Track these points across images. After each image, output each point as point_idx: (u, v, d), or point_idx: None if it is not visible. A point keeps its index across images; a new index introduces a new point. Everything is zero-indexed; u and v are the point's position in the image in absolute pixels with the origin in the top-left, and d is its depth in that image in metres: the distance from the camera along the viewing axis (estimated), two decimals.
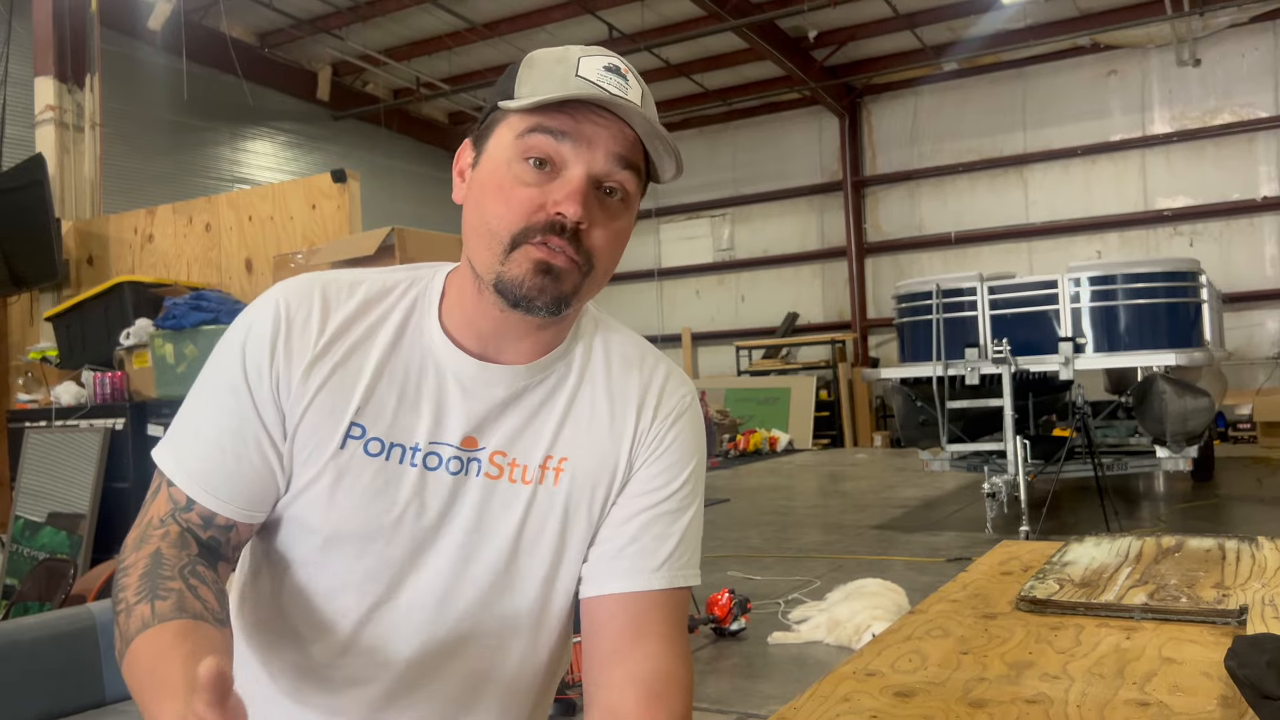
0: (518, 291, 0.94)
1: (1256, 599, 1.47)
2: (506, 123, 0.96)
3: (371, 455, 0.99)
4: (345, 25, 13.13)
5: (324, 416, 0.98)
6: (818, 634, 4.44)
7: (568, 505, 1.03)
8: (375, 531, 0.99)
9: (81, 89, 6.51)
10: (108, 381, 5.08)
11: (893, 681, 1.26)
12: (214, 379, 1.00)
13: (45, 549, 4.92)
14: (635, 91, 0.96)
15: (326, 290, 1.02)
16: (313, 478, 0.98)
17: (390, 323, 1.02)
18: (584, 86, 0.93)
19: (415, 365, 1.01)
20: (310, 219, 5.12)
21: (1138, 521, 7.29)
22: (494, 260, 0.94)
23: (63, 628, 2.67)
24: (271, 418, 0.98)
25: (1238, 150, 13.45)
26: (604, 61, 0.96)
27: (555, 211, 0.92)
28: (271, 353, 0.98)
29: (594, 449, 1.05)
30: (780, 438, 14.14)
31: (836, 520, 8.01)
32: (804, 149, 16.49)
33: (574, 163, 0.94)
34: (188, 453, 0.98)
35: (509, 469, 1.01)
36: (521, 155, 0.94)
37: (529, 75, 0.96)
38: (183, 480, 0.97)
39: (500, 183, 0.94)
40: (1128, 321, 7.25)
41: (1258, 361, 13.14)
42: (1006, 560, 1.89)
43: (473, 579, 1.01)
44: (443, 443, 1.00)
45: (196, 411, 1.00)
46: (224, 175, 13.33)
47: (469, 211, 0.98)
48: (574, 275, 0.95)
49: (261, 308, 1.00)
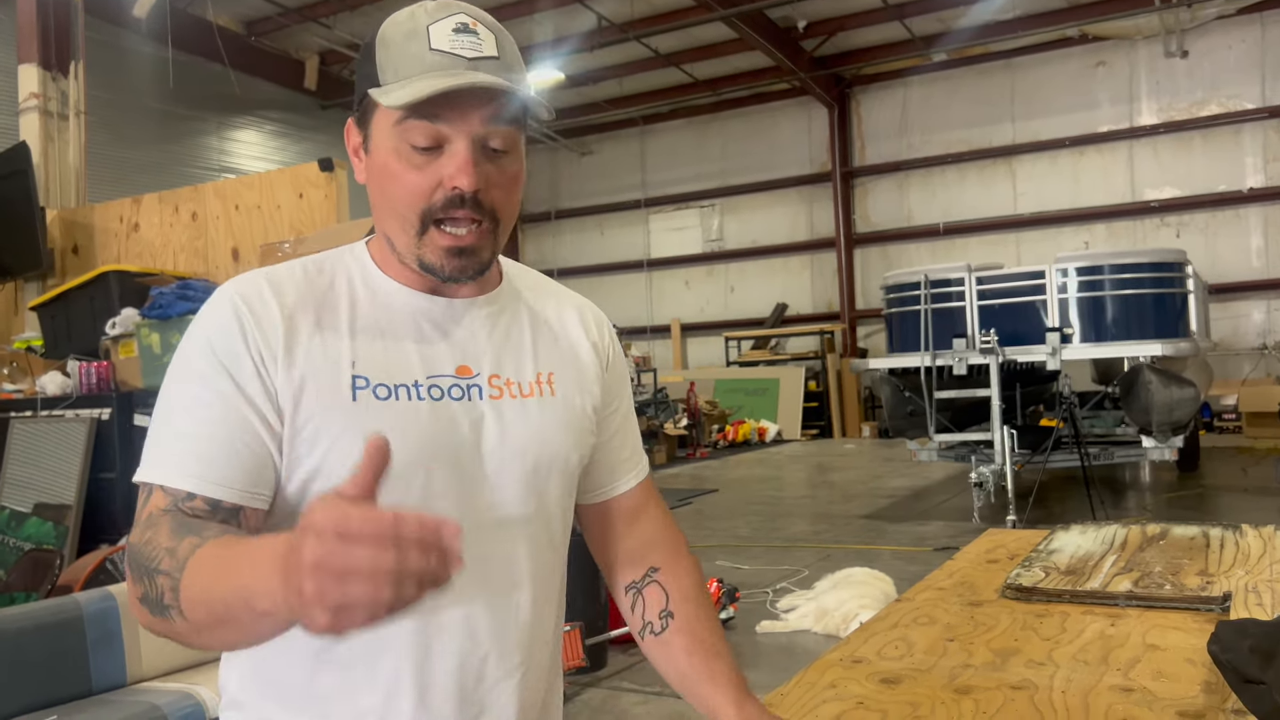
0: (440, 274, 1.02)
1: (1240, 586, 1.48)
2: (380, 110, 1.00)
3: (381, 399, 1.02)
4: (332, 14, 13.05)
5: (326, 379, 1.01)
6: (806, 623, 4.46)
7: (567, 410, 1.14)
8: (414, 467, 1.01)
9: (66, 77, 6.45)
10: (93, 371, 5.05)
11: (879, 669, 1.26)
12: (182, 384, 1.00)
13: (31, 539, 4.90)
14: (489, 43, 1.00)
15: (268, 275, 1.06)
16: (335, 437, 0.99)
17: (341, 279, 1.07)
18: (439, 64, 0.97)
19: (383, 312, 1.06)
20: (297, 208, 5.10)
21: (1124, 511, 7.34)
22: (410, 242, 1.01)
23: (49, 618, 2.65)
24: (259, 397, 0.99)
25: (1224, 142, 13.51)
26: (452, 23, 0.99)
27: (451, 186, 0.98)
28: (243, 336, 0.99)
29: (570, 362, 1.16)
30: (769, 428, 14.17)
31: (825, 510, 8.03)
32: (793, 140, 16.49)
33: (454, 136, 0.98)
34: (173, 456, 0.97)
35: (507, 388, 1.09)
36: (404, 139, 0.98)
37: (387, 57, 0.99)
38: (176, 478, 0.96)
39: (393, 170, 1.00)
40: (1114, 312, 7.29)
41: (1243, 352, 13.23)
42: (993, 549, 1.90)
43: (509, 488, 1.08)
44: (439, 374, 1.05)
45: (169, 420, 0.99)
46: (211, 164, 13.25)
47: (374, 195, 1.04)
48: (486, 241, 1.02)
49: (214, 307, 1.03)
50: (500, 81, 0.97)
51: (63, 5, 6.46)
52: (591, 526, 1.26)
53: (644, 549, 1.25)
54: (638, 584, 1.23)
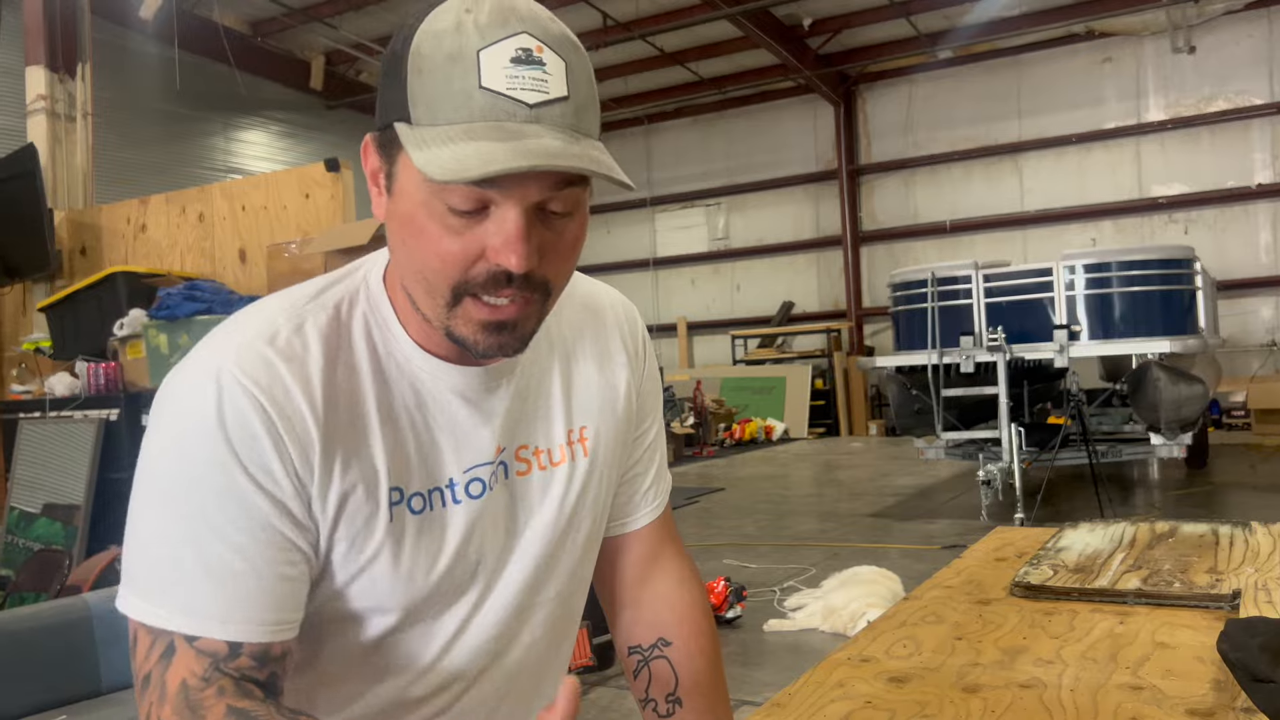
0: (474, 350, 0.84)
1: (1249, 583, 1.47)
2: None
3: (416, 513, 0.90)
4: (338, 14, 13.06)
5: (364, 496, 0.87)
6: (813, 621, 4.46)
7: (598, 467, 1.04)
8: (448, 586, 0.93)
9: (73, 79, 6.47)
10: (102, 372, 5.07)
11: (887, 667, 1.26)
12: (198, 497, 0.80)
13: (40, 540, 4.92)
14: (558, 77, 0.77)
15: (285, 356, 0.84)
16: (366, 561, 0.88)
17: (360, 354, 0.88)
18: (491, 112, 0.75)
19: (410, 397, 0.90)
20: (304, 208, 5.11)
21: (1132, 508, 7.32)
22: (438, 310, 0.83)
23: (58, 618, 2.66)
24: (303, 518, 0.84)
25: (1232, 138, 13.45)
26: (510, 49, 0.76)
27: (496, 263, 0.79)
28: (277, 450, 0.82)
29: (608, 405, 1.04)
30: (775, 427, 14.15)
31: (832, 509, 8.02)
32: (799, 138, 16.46)
33: (504, 200, 0.77)
34: (202, 595, 0.80)
35: (535, 459, 0.98)
36: (440, 198, 0.77)
37: (421, 86, 0.77)
38: (215, 628, 0.80)
39: (422, 228, 0.79)
40: (1122, 309, 7.27)
41: (1252, 349, 13.17)
42: (1001, 547, 1.89)
43: (531, 564, 1.00)
44: (477, 464, 0.93)
45: (186, 543, 0.80)
46: (217, 165, 13.28)
47: (396, 245, 0.84)
48: (532, 313, 0.84)
49: (229, 402, 0.81)
50: (573, 158, 0.75)
51: (69, 7, 6.48)
52: (599, 562, 1.13)
53: (655, 613, 1.14)
54: (644, 653, 1.13)
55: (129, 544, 0.84)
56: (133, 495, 0.84)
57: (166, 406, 0.84)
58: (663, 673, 1.11)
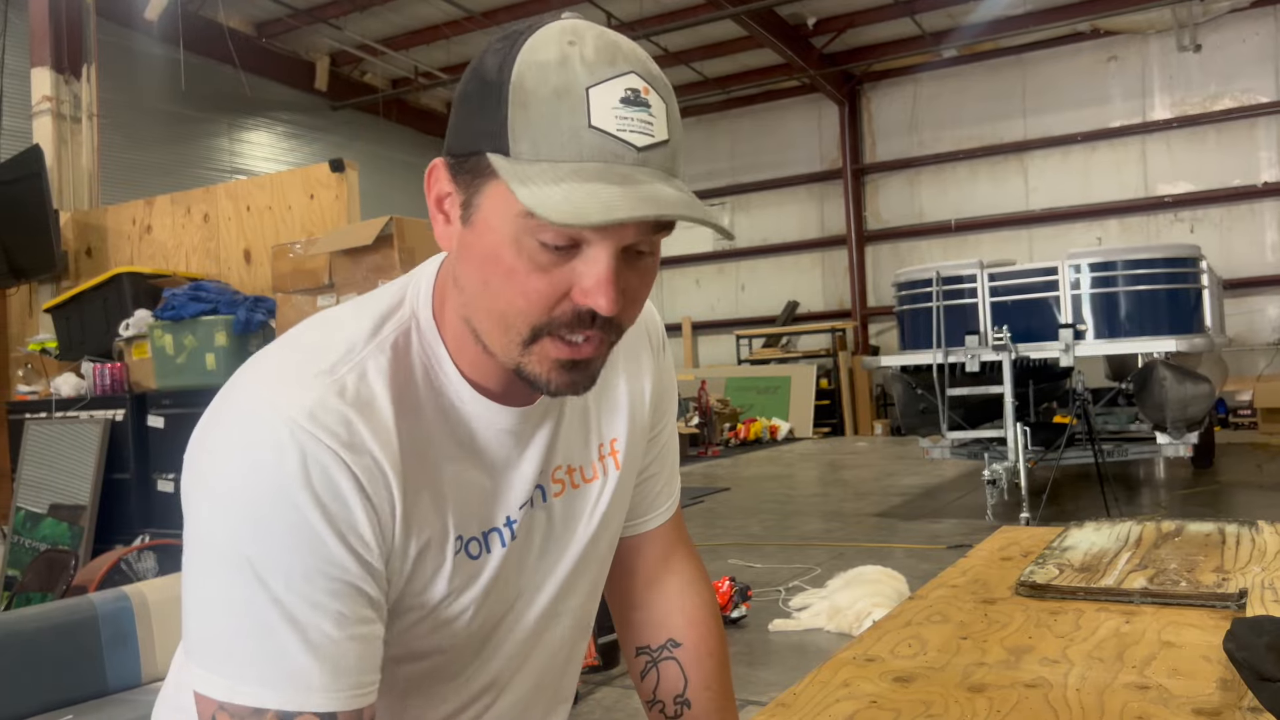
0: (544, 388, 0.82)
1: (1256, 583, 1.47)
2: (502, 184, 0.75)
3: (474, 558, 0.88)
4: (343, 15, 13.09)
5: (435, 549, 0.86)
6: (818, 621, 4.45)
7: (628, 478, 1.04)
8: (495, 620, 0.93)
9: (78, 80, 6.49)
10: (107, 373, 5.08)
11: (892, 667, 1.26)
12: (282, 563, 0.75)
13: (46, 540, 4.93)
14: (661, 120, 0.76)
15: (350, 400, 0.80)
16: (425, 612, 0.87)
17: (423, 398, 0.86)
18: (600, 153, 0.73)
19: (468, 440, 0.88)
20: (308, 209, 5.11)
21: (1138, 507, 7.30)
22: (511, 350, 0.80)
23: (64, 618, 2.66)
24: (381, 572, 0.81)
25: (1238, 136, 13.42)
26: (620, 89, 0.74)
27: (583, 304, 0.77)
28: (364, 508, 0.78)
29: (633, 413, 1.03)
30: (780, 426, 14.15)
31: (837, 508, 8.01)
32: (803, 137, 16.46)
33: (598, 241, 0.75)
34: (299, 666, 0.75)
35: (568, 479, 0.97)
36: (532, 234, 0.75)
37: (525, 120, 0.74)
38: (315, 700, 0.76)
39: (511, 265, 0.76)
40: (1128, 308, 7.25)
41: (1258, 348, 13.14)
42: (1006, 546, 1.89)
43: (562, 578, 0.99)
44: (524, 503, 0.92)
45: (273, 611, 0.75)
46: (222, 166, 13.31)
47: (469, 280, 0.81)
48: (603, 353, 0.83)
49: (310, 456, 0.76)
50: (686, 207, 0.74)
51: (75, 9, 6.50)
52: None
53: (665, 614, 1.14)
54: (653, 654, 1.13)
55: (196, 616, 0.78)
56: (191, 561, 0.78)
57: (225, 464, 0.76)
58: (671, 674, 1.11)
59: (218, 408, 0.81)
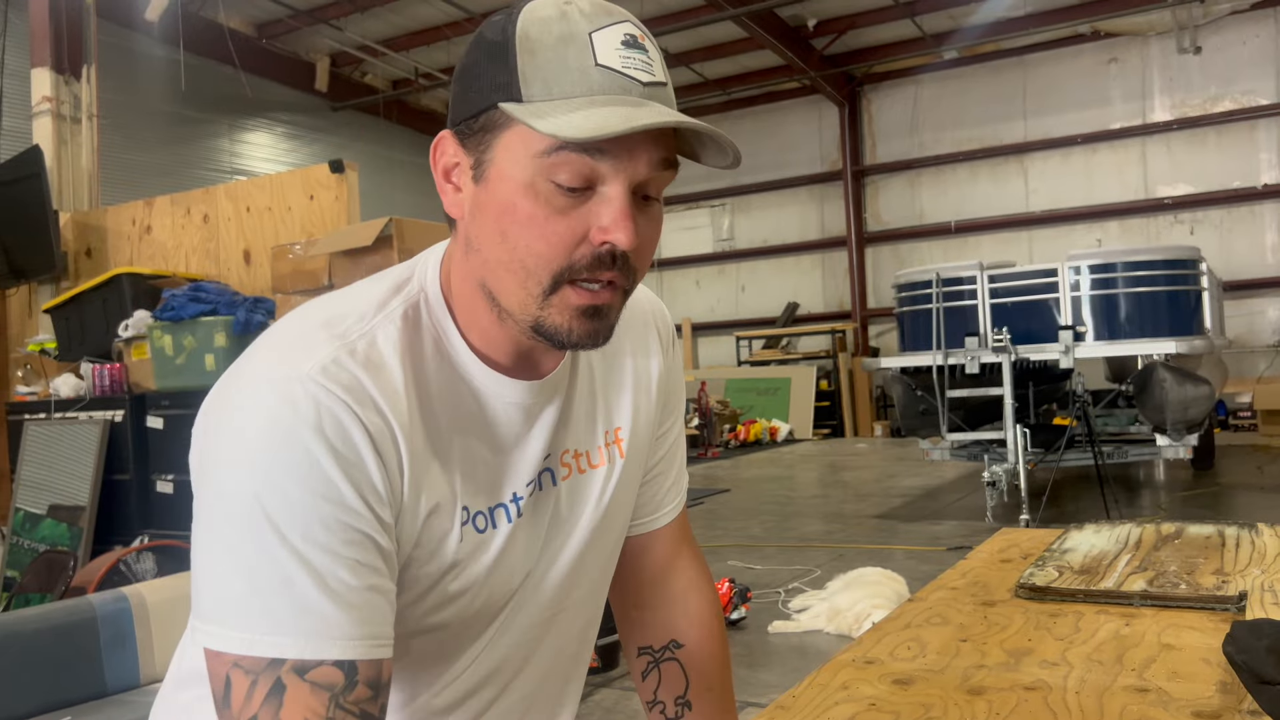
0: (565, 339, 0.82)
1: (1256, 585, 1.46)
2: (516, 131, 0.78)
3: (480, 532, 0.88)
4: (343, 16, 13.09)
5: (444, 515, 0.86)
6: (818, 623, 4.45)
7: (633, 469, 1.04)
8: (490, 599, 0.92)
9: (78, 80, 6.49)
10: (107, 373, 5.08)
11: (892, 669, 1.26)
12: (298, 513, 0.74)
13: (46, 541, 4.93)
14: (658, 64, 0.81)
15: (360, 361, 0.81)
16: (430, 584, 0.87)
17: (431, 368, 0.86)
18: (609, 87, 0.76)
19: (477, 412, 0.88)
20: (308, 210, 5.11)
21: (1138, 509, 7.30)
22: (531, 302, 0.81)
23: (63, 619, 2.66)
24: (392, 529, 0.82)
25: (1239, 138, 13.42)
26: (620, 34, 0.79)
27: (603, 241, 0.79)
28: (377, 461, 0.79)
29: (639, 403, 1.03)
30: (780, 428, 14.15)
31: (837, 510, 8.01)
32: (804, 138, 16.46)
33: (612, 177, 0.78)
34: (316, 612, 0.74)
35: (575, 463, 0.97)
36: (548, 176, 0.77)
37: (534, 65, 0.77)
38: (334, 649, 0.74)
39: (529, 211, 0.78)
40: (1128, 310, 7.25)
41: (1258, 349, 13.14)
42: (1006, 548, 1.88)
43: (565, 569, 0.99)
44: (531, 480, 0.92)
45: (290, 560, 0.74)
46: (222, 167, 13.31)
47: (485, 237, 0.81)
48: (617, 303, 0.84)
49: (323, 407, 0.76)
50: (699, 123, 0.78)
51: (75, 9, 6.50)
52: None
53: (668, 615, 1.14)
54: (655, 655, 1.13)
55: (207, 572, 0.76)
56: (205, 521, 0.77)
57: (241, 421, 0.76)
58: (673, 675, 1.11)
59: (230, 375, 0.81)
